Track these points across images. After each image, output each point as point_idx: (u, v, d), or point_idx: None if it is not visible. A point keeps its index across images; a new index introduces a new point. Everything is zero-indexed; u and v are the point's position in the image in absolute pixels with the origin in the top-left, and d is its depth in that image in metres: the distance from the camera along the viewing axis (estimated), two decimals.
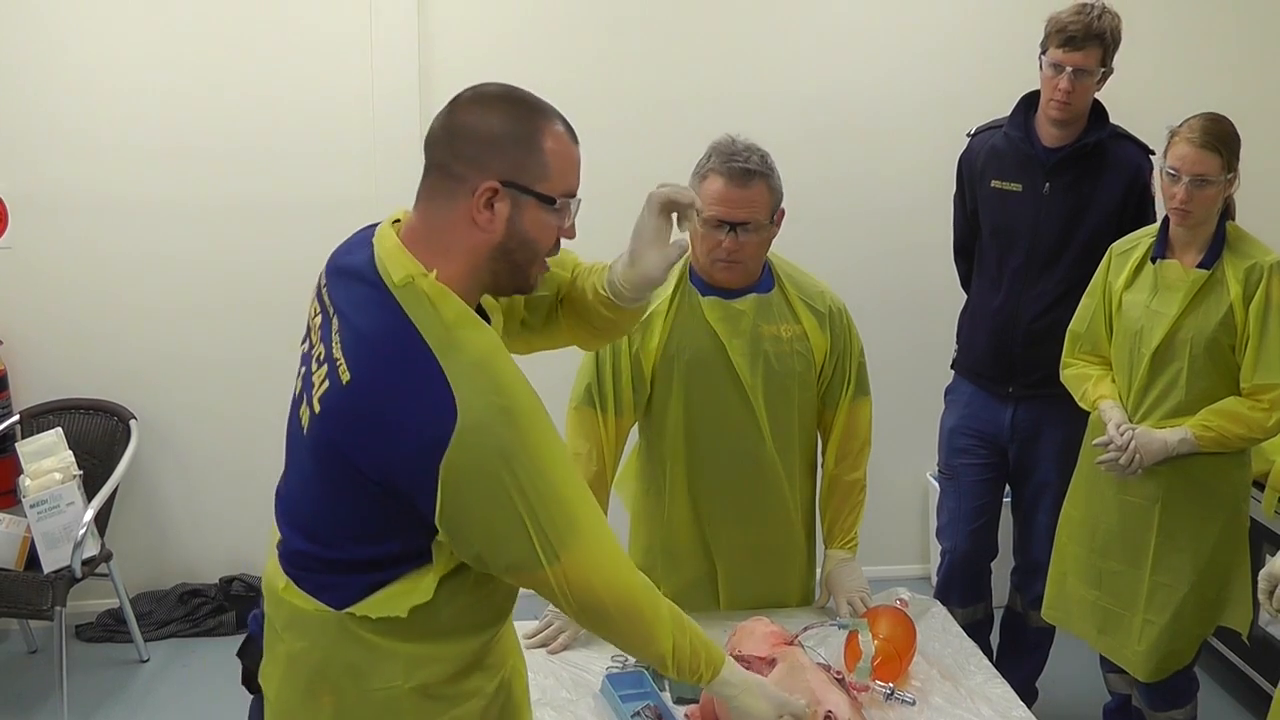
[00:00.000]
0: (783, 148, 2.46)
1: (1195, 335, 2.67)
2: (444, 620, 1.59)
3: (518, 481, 1.48)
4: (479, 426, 1.46)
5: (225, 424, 4.01)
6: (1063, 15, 2.95)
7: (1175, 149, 2.66)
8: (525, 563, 1.53)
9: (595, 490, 2.48)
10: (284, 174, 3.88)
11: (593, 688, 2.24)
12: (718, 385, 2.44)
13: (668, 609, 1.67)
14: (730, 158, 2.31)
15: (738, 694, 1.78)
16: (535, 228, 1.57)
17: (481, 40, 3.91)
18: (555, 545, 1.52)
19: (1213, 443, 2.66)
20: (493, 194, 1.52)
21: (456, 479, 1.46)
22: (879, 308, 3.81)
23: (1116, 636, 2.87)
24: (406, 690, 1.59)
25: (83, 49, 3.77)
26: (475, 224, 1.53)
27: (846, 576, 2.53)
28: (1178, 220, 2.70)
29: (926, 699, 2.22)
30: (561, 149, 1.57)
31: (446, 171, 1.55)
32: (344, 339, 1.54)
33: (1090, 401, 2.87)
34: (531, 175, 1.54)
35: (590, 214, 1.73)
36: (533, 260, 1.60)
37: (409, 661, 1.59)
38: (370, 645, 1.58)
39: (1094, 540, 2.89)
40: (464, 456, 1.46)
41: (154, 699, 3.63)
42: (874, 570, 2.79)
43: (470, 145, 1.54)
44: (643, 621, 1.65)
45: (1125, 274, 2.81)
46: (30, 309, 3.89)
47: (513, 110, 1.56)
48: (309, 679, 1.62)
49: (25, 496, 3.49)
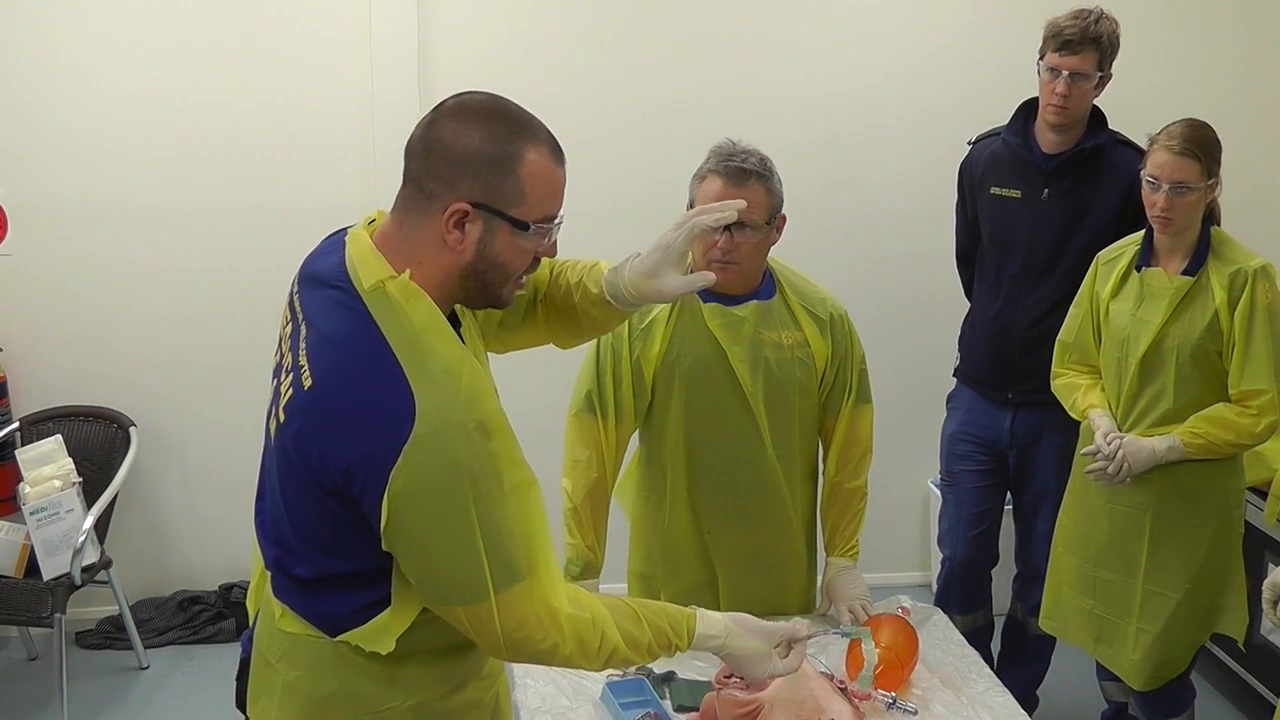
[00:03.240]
0: (784, 154, 2.47)
1: (1181, 343, 2.67)
2: (435, 643, 1.58)
3: (480, 502, 1.43)
4: (437, 436, 1.41)
5: (225, 431, 4.01)
6: (1060, 20, 2.96)
7: (1154, 156, 2.66)
8: (470, 591, 1.46)
9: (595, 497, 2.49)
10: (284, 180, 3.88)
11: (593, 695, 2.24)
12: (718, 392, 2.44)
13: (607, 618, 1.59)
14: (728, 158, 2.32)
15: (724, 642, 1.72)
16: (508, 251, 1.51)
17: (481, 45, 3.90)
18: (512, 573, 1.47)
19: (1201, 449, 2.66)
20: (463, 215, 1.47)
21: (406, 490, 1.41)
22: (881, 315, 3.81)
23: (1112, 645, 2.87)
24: (406, 709, 1.58)
25: (82, 55, 3.77)
26: (445, 244, 1.49)
27: (848, 584, 2.53)
28: (1160, 228, 2.70)
29: (928, 707, 2.21)
30: (541, 173, 1.51)
31: (420, 187, 1.50)
32: (309, 345, 1.50)
33: (1080, 411, 2.87)
34: (506, 199, 1.48)
35: (590, 220, 1.73)
36: (504, 281, 1.55)
37: (407, 684, 1.58)
38: (365, 671, 1.56)
39: (1087, 549, 2.89)
40: (417, 467, 1.41)
41: (154, 706, 3.63)
42: (874, 577, 2.79)
43: (444, 163, 1.48)
44: (586, 653, 1.57)
45: (1111, 283, 2.81)
46: (30, 316, 3.89)
47: (493, 129, 1.49)
48: (305, 707, 1.60)
49: (25, 504, 3.49)
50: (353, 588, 1.54)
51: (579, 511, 2.48)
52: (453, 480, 1.42)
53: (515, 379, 3.47)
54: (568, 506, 2.50)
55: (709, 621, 1.71)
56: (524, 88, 1.67)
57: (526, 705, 2.21)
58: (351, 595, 1.54)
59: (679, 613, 1.69)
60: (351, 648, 1.55)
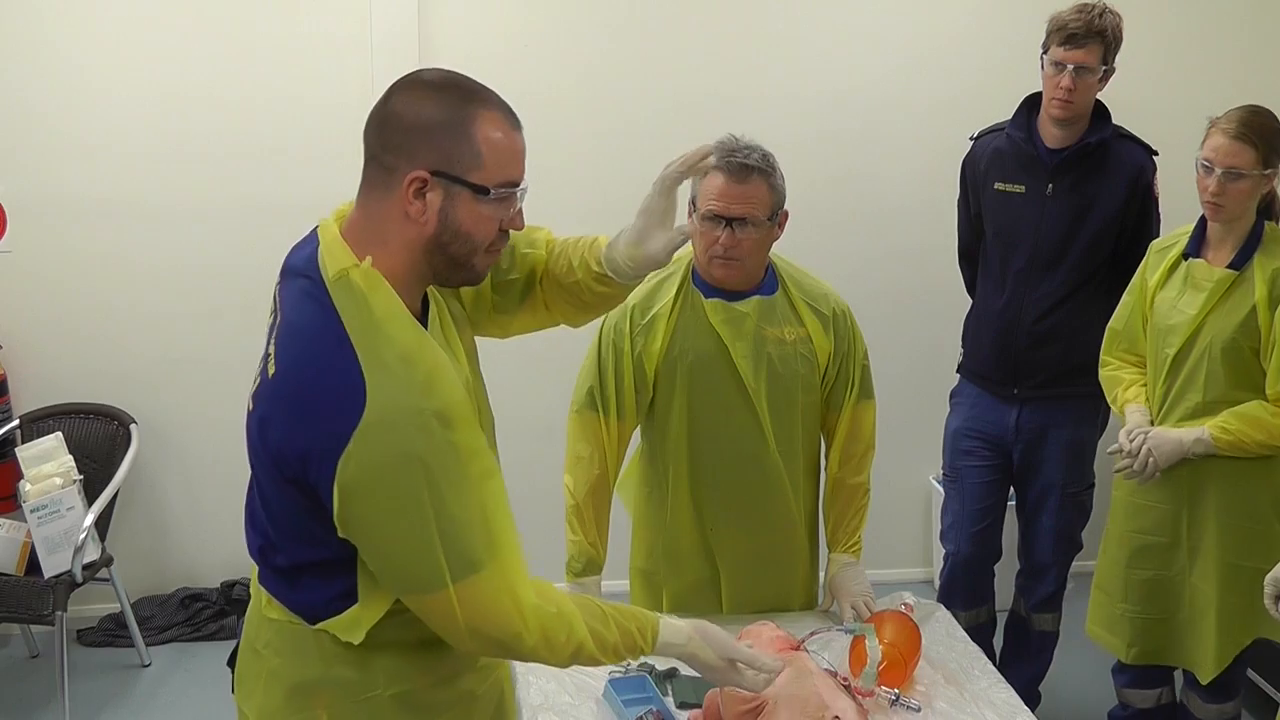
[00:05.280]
0: (787, 150, 2.46)
1: (1215, 337, 2.62)
2: (409, 635, 1.56)
3: (435, 491, 1.43)
4: (388, 425, 1.41)
5: (226, 428, 3.97)
6: (1064, 14, 2.95)
7: (1210, 140, 2.59)
8: (426, 580, 1.45)
9: (597, 494, 2.48)
10: (285, 178, 3.87)
11: (595, 692, 2.24)
12: (721, 388, 2.43)
13: (575, 614, 1.58)
14: (730, 154, 2.31)
15: (684, 650, 1.71)
16: (470, 220, 1.50)
17: (481, 42, 3.89)
18: (470, 563, 1.46)
19: (1231, 446, 2.61)
20: (422, 184, 1.47)
21: (355, 478, 1.41)
22: (883, 310, 3.80)
23: (1182, 642, 2.81)
24: (388, 698, 1.58)
25: (81, 53, 3.76)
26: (408, 216, 1.49)
27: (851, 580, 2.52)
28: (1210, 214, 2.64)
29: (931, 704, 2.21)
30: (498, 137, 1.50)
31: (380, 163, 1.50)
32: (279, 334, 1.52)
33: (1119, 407, 2.84)
34: (463, 165, 1.48)
35: (590, 218, 1.72)
36: (472, 253, 1.54)
37: (387, 673, 1.58)
38: (345, 659, 1.56)
39: (1145, 549, 2.81)
40: (366, 455, 1.41)
41: (155, 703, 3.62)
42: (876, 573, 2.78)
43: (399, 134, 1.49)
44: (552, 646, 1.55)
45: (1160, 272, 2.76)
46: (30, 313, 3.89)
47: (444, 96, 1.50)
48: (288, 694, 1.60)
49: (25, 501, 3.48)
50: (326, 576, 1.54)
51: (581, 508, 2.48)
52: (403, 467, 1.42)
53: (517, 376, 3.49)
54: (570, 503, 2.49)
55: (673, 629, 1.70)
56: (524, 85, 1.67)
57: (528, 702, 2.20)
58: (326, 584, 1.55)
59: (644, 616, 1.68)
60: (330, 636, 1.56)
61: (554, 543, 2.54)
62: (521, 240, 1.75)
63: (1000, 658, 3.39)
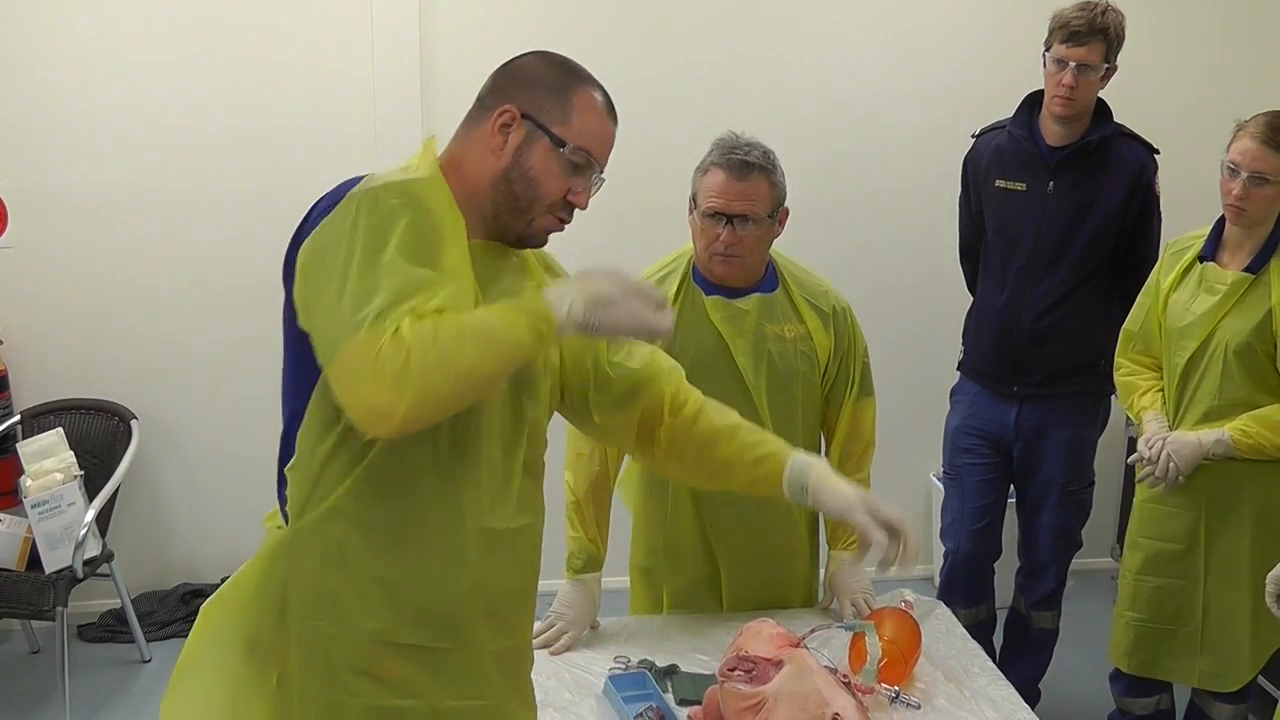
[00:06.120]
0: (788, 147, 2.46)
1: (1230, 340, 2.61)
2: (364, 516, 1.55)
3: (361, 240, 1.44)
4: (352, 196, 1.48)
5: (227, 423, 4.01)
6: (1066, 11, 2.95)
7: (1238, 143, 2.58)
8: (341, 330, 1.41)
9: (597, 491, 2.49)
10: (286, 172, 3.87)
11: (595, 689, 2.24)
12: (721, 385, 2.42)
13: (475, 315, 1.49)
14: (730, 151, 2.31)
15: (577, 293, 1.51)
16: (541, 166, 1.58)
17: (482, 39, 3.89)
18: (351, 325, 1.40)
19: (1251, 449, 2.60)
20: (510, 120, 1.57)
21: (307, 247, 1.48)
22: (883, 308, 3.80)
23: (1188, 657, 2.79)
24: (365, 633, 1.56)
25: (83, 47, 3.77)
26: (488, 148, 1.58)
27: (850, 578, 2.52)
28: (1232, 218, 2.63)
29: (930, 701, 2.21)
30: (592, 110, 1.61)
31: (482, 103, 1.63)
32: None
33: (1135, 413, 2.84)
34: (551, 116, 1.58)
35: (590, 216, 1.72)
36: (533, 202, 1.60)
37: (360, 596, 1.57)
38: (318, 567, 1.58)
39: (1173, 562, 2.79)
40: (322, 229, 1.47)
41: (156, 699, 3.59)
42: (876, 571, 2.78)
43: (507, 80, 1.62)
44: (465, 349, 1.43)
45: (1175, 274, 2.75)
46: (31, 309, 3.89)
47: (561, 67, 1.63)
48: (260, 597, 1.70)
49: (26, 497, 3.49)
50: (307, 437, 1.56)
51: (581, 505, 2.48)
52: (347, 207, 1.48)
53: None
54: (570, 499, 2.49)
55: (555, 289, 1.53)
56: None
57: None
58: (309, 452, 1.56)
59: (530, 297, 1.56)
60: (303, 538, 1.58)
61: (554, 539, 2.54)
62: (645, 366, 1.84)
63: (1000, 655, 3.39)
